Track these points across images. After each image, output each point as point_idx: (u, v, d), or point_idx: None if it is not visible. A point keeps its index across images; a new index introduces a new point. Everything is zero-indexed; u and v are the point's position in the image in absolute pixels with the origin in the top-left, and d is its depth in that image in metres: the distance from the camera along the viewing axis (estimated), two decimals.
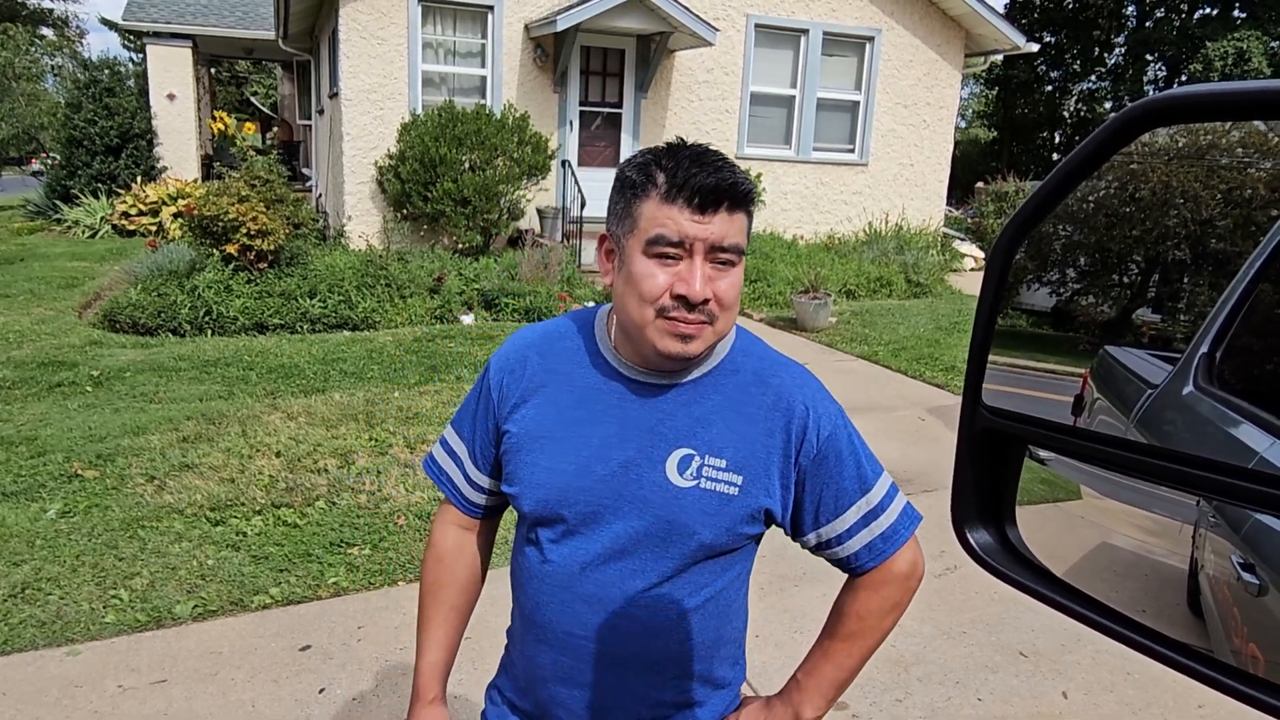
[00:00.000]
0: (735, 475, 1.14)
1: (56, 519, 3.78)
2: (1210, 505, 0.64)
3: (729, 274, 1.08)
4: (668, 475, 1.13)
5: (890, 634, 1.23)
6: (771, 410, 1.16)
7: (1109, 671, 2.93)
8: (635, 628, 1.16)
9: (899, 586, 1.20)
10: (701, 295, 1.06)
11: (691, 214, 1.06)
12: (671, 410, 1.15)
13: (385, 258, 8.59)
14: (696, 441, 1.14)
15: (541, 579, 1.19)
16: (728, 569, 1.20)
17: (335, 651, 2.94)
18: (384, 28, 9.55)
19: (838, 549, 1.19)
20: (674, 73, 10.84)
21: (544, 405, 1.19)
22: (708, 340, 1.10)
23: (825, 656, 1.22)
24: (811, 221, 11.84)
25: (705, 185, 1.05)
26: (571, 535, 1.17)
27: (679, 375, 1.16)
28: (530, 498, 1.18)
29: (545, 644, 1.21)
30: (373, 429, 5.01)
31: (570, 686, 1.21)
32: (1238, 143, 0.59)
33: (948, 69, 12.17)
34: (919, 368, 7.06)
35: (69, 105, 14.04)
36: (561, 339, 1.24)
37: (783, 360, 1.23)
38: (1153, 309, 0.68)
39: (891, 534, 1.18)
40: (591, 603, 1.16)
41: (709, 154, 1.09)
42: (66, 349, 6.66)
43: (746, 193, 1.08)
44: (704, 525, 1.13)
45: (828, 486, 1.17)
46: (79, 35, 36.24)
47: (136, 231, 12.17)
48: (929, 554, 2.30)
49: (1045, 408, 0.68)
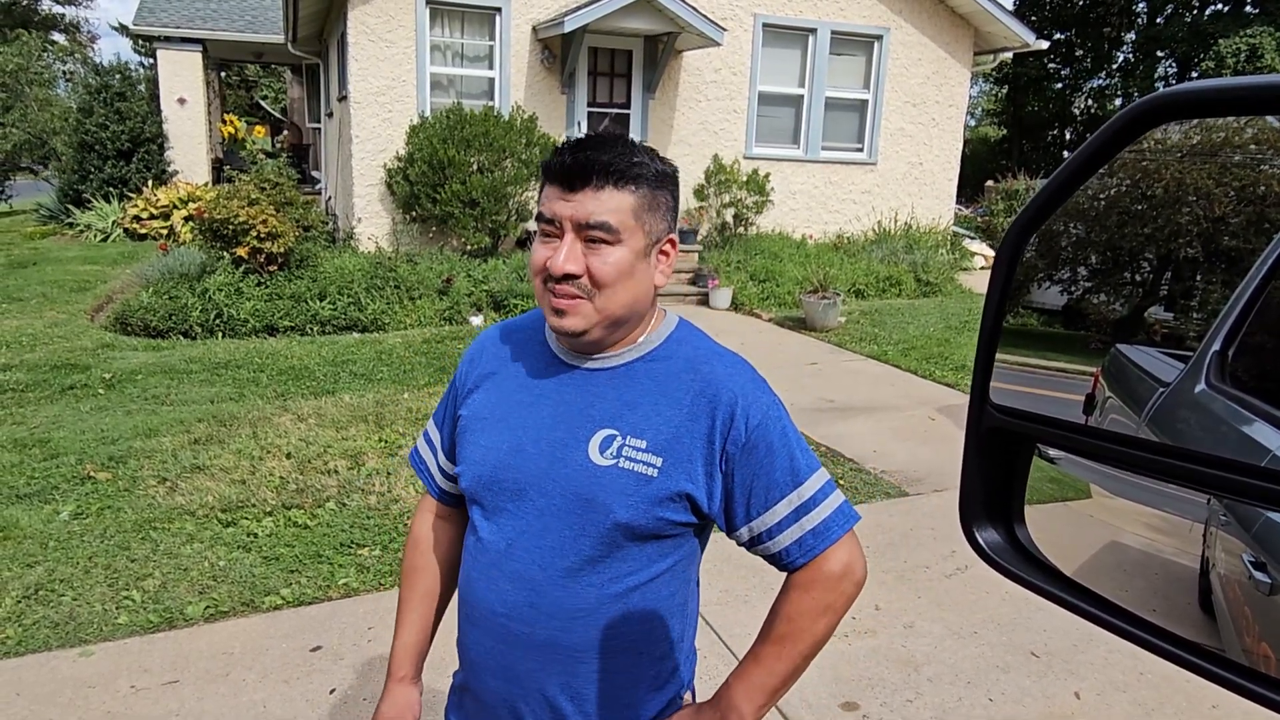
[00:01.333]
0: (655, 457, 1.15)
1: (69, 520, 3.80)
2: (1221, 503, 0.64)
3: (601, 252, 1.11)
4: (589, 454, 1.16)
5: (824, 644, 1.18)
6: (699, 396, 1.16)
7: (1122, 671, 2.91)
8: (555, 609, 1.17)
9: (830, 588, 1.16)
10: (560, 269, 1.10)
11: (561, 192, 1.11)
12: (602, 393, 1.19)
13: (394, 260, 8.62)
14: (621, 423, 1.17)
15: (475, 556, 1.24)
16: (658, 559, 1.19)
17: (346, 652, 2.95)
18: (392, 30, 9.58)
19: (769, 544, 1.18)
20: (681, 73, 10.84)
21: (491, 390, 1.26)
22: (588, 316, 1.13)
23: (755, 660, 1.18)
24: (820, 221, 11.81)
25: (571, 163, 1.10)
26: (500, 513, 1.21)
27: (610, 359, 1.20)
28: (468, 475, 1.24)
29: (473, 624, 1.24)
30: (382, 430, 5.03)
31: (492, 671, 1.23)
32: (1251, 139, 0.58)
33: (957, 67, 12.12)
34: (929, 367, 7.04)
35: (81, 110, 14.14)
36: (519, 330, 1.31)
37: (719, 350, 1.23)
38: (1164, 307, 0.67)
39: (823, 530, 1.16)
40: (515, 581, 1.19)
41: (604, 138, 1.13)
42: (79, 352, 6.71)
43: (618, 170, 1.10)
44: (620, 504, 1.14)
45: (758, 477, 1.16)
46: (90, 40, 36.51)
47: (148, 235, 12.24)
48: (940, 554, 2.30)
49: (1055, 406, 0.68)
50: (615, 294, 1.13)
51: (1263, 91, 0.50)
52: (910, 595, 3.41)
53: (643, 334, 1.21)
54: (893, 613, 3.28)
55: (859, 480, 4.59)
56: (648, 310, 1.20)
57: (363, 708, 2.66)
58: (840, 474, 4.65)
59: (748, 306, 9.46)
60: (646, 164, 1.13)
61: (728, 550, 3.56)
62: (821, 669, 2.88)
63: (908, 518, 4.14)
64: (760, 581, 3.32)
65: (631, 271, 1.13)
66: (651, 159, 1.15)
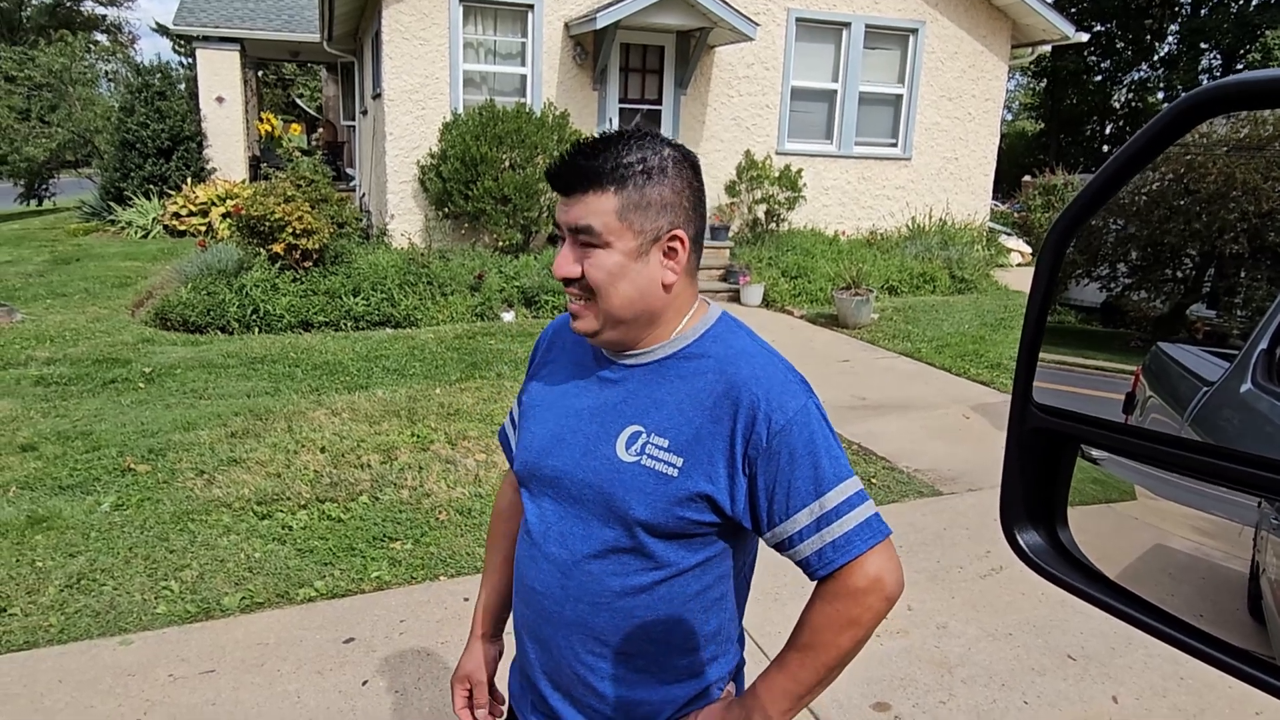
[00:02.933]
0: (676, 457, 1.15)
1: (110, 512, 3.88)
2: (1272, 506, 0.62)
3: (592, 256, 1.13)
4: (616, 450, 1.18)
5: (853, 656, 1.14)
6: (722, 398, 1.15)
7: (1161, 676, 2.86)
8: (581, 592, 1.21)
9: (856, 602, 1.11)
10: (558, 273, 1.15)
11: (562, 199, 1.15)
12: (635, 390, 1.21)
13: (427, 256, 8.68)
14: (647, 420, 1.18)
15: (522, 536, 1.30)
16: (685, 556, 1.18)
17: (378, 644, 2.98)
18: (425, 29, 9.65)
19: (791, 552, 1.15)
20: (713, 69, 10.80)
21: (547, 379, 1.32)
22: (593, 318, 1.16)
23: (780, 666, 1.17)
24: (853, 217, 11.71)
25: (558, 171, 1.13)
26: (541, 497, 1.26)
27: (643, 355, 1.21)
28: (518, 459, 1.31)
29: (519, 597, 1.31)
30: (415, 425, 5.07)
31: (533, 641, 1.30)
32: None
33: (994, 60, 11.95)
34: (963, 365, 6.95)
35: (122, 109, 14.41)
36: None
37: (752, 349, 1.19)
38: (1207, 304, 0.66)
39: (845, 543, 1.11)
40: (550, 562, 1.24)
41: (602, 140, 1.13)
42: (120, 346, 6.84)
43: (600, 174, 1.10)
44: (639, 502, 1.15)
45: (779, 484, 1.13)
46: (131, 41, 37.21)
47: (187, 232, 12.45)
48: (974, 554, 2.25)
49: (1096, 406, 0.66)
50: (610, 296, 1.14)
51: None
52: (944, 595, 3.38)
53: (676, 329, 1.20)
54: (926, 613, 3.24)
55: (891, 479, 4.54)
56: (662, 309, 1.18)
57: (394, 699, 2.68)
58: (873, 472, 4.61)
59: (779, 303, 9.41)
60: (633, 163, 1.11)
61: (759, 549, 3.54)
62: (853, 668, 2.84)
63: (941, 517, 4.09)
64: (791, 579, 3.30)
65: (624, 273, 1.13)
66: (646, 156, 1.12)
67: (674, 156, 1.15)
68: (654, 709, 1.25)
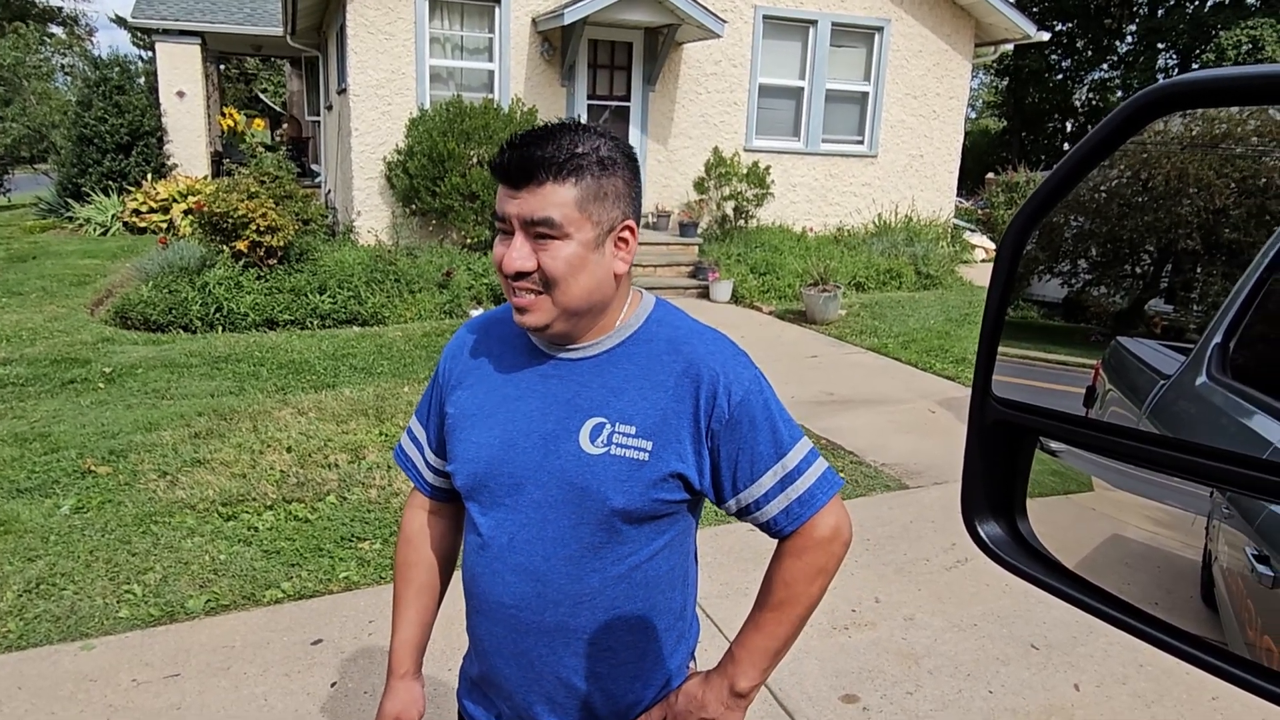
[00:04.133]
0: (645, 441, 1.16)
1: (70, 515, 3.81)
2: (1224, 497, 0.64)
3: (550, 247, 1.11)
4: (580, 444, 1.17)
5: (819, 602, 1.23)
6: (682, 377, 1.18)
7: (1121, 664, 2.92)
8: (560, 596, 1.20)
9: (823, 551, 1.20)
10: (511, 267, 1.11)
11: (507, 190, 1.12)
12: (587, 381, 1.20)
13: (394, 253, 8.61)
14: (608, 410, 1.18)
15: (477, 551, 1.25)
16: (655, 537, 1.21)
17: (346, 646, 2.95)
18: (391, 23, 9.55)
19: (756, 514, 1.21)
20: (682, 65, 10.81)
21: (477, 385, 1.26)
22: (547, 311, 1.14)
23: (756, 627, 1.23)
24: (820, 214, 11.79)
25: (511, 161, 1.10)
26: (498, 507, 1.22)
27: (590, 348, 1.20)
28: (462, 472, 1.24)
29: (482, 615, 1.26)
30: (382, 424, 5.03)
31: (505, 658, 1.25)
32: (1253, 131, 0.58)
33: (958, 59, 12.09)
34: (929, 360, 7.04)
35: (79, 103, 14.09)
36: (499, 323, 1.30)
37: (699, 329, 1.24)
38: (1165, 300, 0.67)
39: (809, 498, 1.19)
40: (520, 572, 1.20)
41: (548, 131, 1.12)
42: (79, 346, 6.70)
43: (557, 164, 1.09)
44: (616, 491, 1.16)
45: (743, 451, 1.18)
46: (88, 33, 36.40)
47: (147, 229, 12.23)
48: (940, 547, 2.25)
49: (1056, 399, 0.68)
50: (569, 288, 1.12)
51: (1266, 81, 0.50)
52: (911, 588, 3.42)
53: (619, 319, 1.22)
54: (893, 605, 3.28)
55: (859, 473, 4.59)
56: (612, 298, 1.19)
57: (363, 700, 2.66)
58: (841, 466, 4.65)
59: (748, 299, 9.46)
60: (588, 154, 1.11)
61: (728, 544, 3.55)
62: (822, 661, 2.89)
63: (908, 510, 4.14)
64: (759, 576, 3.33)
65: (583, 264, 1.12)
66: (597, 146, 1.12)
67: (619, 148, 1.17)
68: (637, 696, 1.27)
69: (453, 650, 2.68)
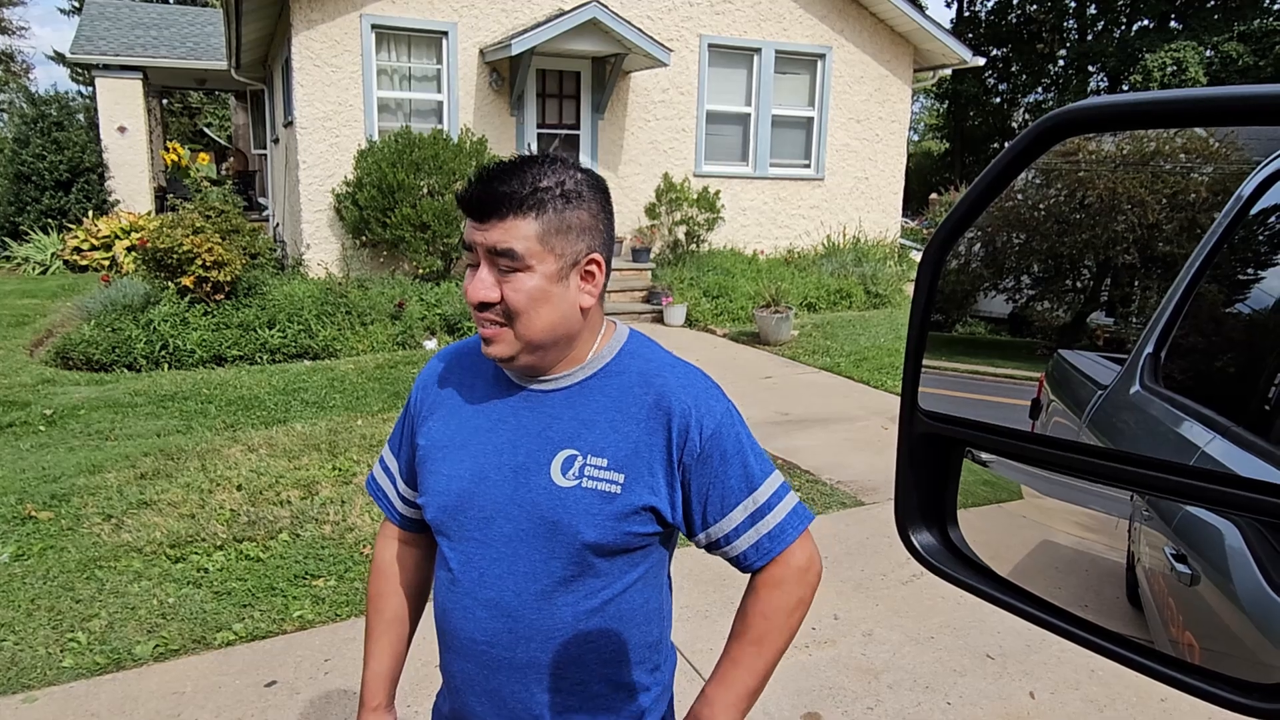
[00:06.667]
0: (617, 474, 1.15)
1: (10, 563, 3.68)
2: (1143, 499, 0.66)
3: (513, 280, 1.11)
4: (552, 477, 1.16)
5: (795, 635, 1.22)
6: (654, 409, 1.17)
7: (1073, 670, 2.97)
8: (532, 632, 1.18)
9: (799, 582, 1.21)
10: (475, 297, 1.12)
11: (473, 223, 1.12)
12: (558, 413, 1.19)
13: (345, 285, 8.52)
14: (580, 442, 1.17)
15: (448, 587, 1.23)
16: (628, 570, 1.20)
17: (302, 686, 2.89)
18: (337, 55, 9.52)
19: (727, 548, 1.21)
20: (630, 93, 10.92)
21: (448, 417, 1.25)
22: (510, 343, 1.14)
23: (734, 663, 1.20)
24: (771, 237, 11.95)
25: (475, 195, 1.11)
26: (468, 541, 1.20)
27: (561, 379, 1.20)
28: (432, 505, 1.23)
29: (454, 652, 1.24)
30: (336, 458, 4.95)
31: (478, 695, 1.23)
32: (1180, 148, 0.61)
33: (898, 84, 12.39)
34: (881, 377, 7.14)
35: (16, 141, 13.76)
36: (470, 354, 1.30)
37: (670, 361, 1.24)
38: (1105, 312, 0.70)
39: (779, 533, 1.19)
40: (491, 608, 1.19)
41: (514, 164, 1.13)
42: (17, 388, 6.50)
43: (519, 199, 1.10)
44: (587, 524, 1.15)
45: (714, 486, 1.18)
46: (25, 70, 35.64)
47: (89, 267, 11.95)
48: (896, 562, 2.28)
49: (998, 412, 0.70)
50: (531, 321, 1.12)
51: (1159, 106, 0.53)
52: (868, 604, 3.45)
53: (591, 351, 1.21)
54: (851, 621, 3.31)
55: (815, 491, 4.63)
56: (579, 331, 1.18)
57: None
58: (797, 485, 4.69)
59: (702, 323, 9.52)
60: (551, 188, 1.11)
61: (689, 567, 3.56)
62: (783, 680, 2.89)
63: (864, 527, 4.19)
64: (721, 597, 3.33)
65: (546, 297, 1.12)
66: (563, 180, 1.13)
67: (588, 181, 1.16)
68: None
69: (413, 688, 2.63)
